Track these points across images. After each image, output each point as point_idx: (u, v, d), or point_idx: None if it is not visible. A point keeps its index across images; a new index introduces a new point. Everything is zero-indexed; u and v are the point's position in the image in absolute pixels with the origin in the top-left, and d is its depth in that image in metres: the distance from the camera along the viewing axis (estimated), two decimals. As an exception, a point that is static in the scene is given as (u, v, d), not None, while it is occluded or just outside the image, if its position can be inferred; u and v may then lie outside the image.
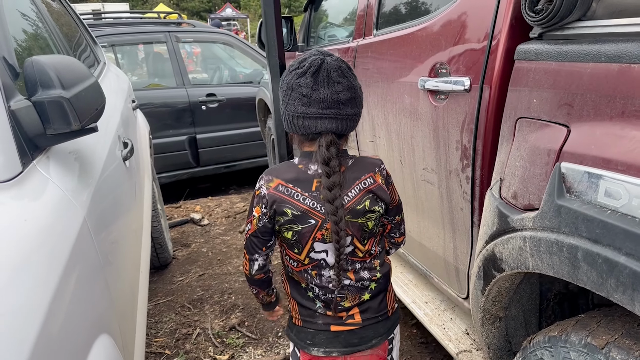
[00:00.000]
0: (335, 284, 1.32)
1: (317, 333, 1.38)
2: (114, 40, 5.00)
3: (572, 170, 1.09)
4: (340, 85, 1.22)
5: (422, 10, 1.97)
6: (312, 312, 1.38)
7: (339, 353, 1.38)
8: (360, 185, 1.29)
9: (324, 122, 1.23)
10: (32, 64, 1.18)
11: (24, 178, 1.04)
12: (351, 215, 1.27)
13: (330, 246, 1.29)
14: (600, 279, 0.99)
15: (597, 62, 1.06)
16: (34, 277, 0.83)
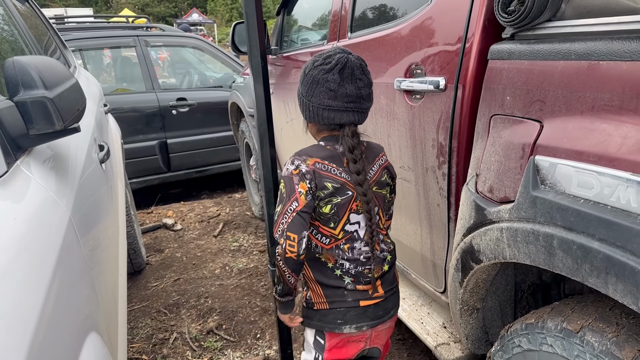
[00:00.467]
0: (370, 247, 1.43)
1: (347, 311, 1.46)
2: (82, 45, 4.92)
3: (546, 163, 1.15)
4: (362, 82, 1.36)
5: (397, 12, 2.02)
6: (340, 291, 1.45)
7: (368, 327, 1.48)
8: (379, 162, 1.50)
9: (348, 114, 1.37)
10: (14, 65, 1.17)
11: (9, 178, 1.03)
12: (377, 187, 1.47)
13: (362, 217, 1.43)
14: (576, 265, 1.05)
15: (568, 60, 1.12)
16: (27, 274, 0.83)
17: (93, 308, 1.13)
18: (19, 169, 1.10)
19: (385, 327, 1.55)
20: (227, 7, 45.39)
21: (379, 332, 1.54)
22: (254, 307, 2.99)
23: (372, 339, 1.54)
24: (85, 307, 1.06)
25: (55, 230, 1.02)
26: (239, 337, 2.71)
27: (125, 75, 5.51)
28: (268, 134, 1.55)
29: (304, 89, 1.41)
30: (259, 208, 4.37)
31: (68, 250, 1.03)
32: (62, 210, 1.12)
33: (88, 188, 1.51)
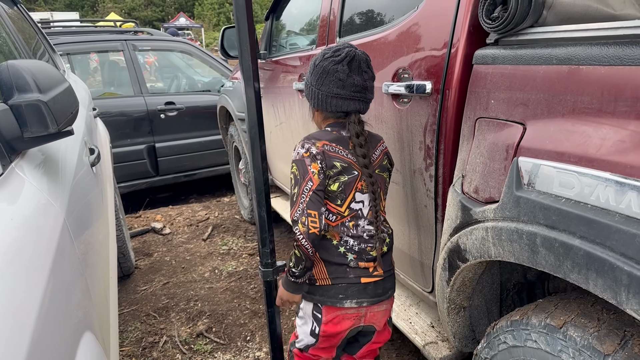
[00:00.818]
0: (375, 226, 1.55)
1: (349, 286, 1.56)
2: (70, 49, 4.91)
3: (529, 164, 1.18)
4: (367, 74, 1.53)
5: (385, 18, 2.06)
6: (343, 268, 1.55)
7: (368, 303, 1.58)
8: (380, 148, 1.65)
9: (355, 103, 1.53)
10: (8, 68, 1.18)
11: (4, 180, 1.04)
12: (379, 170, 1.61)
13: (366, 197, 1.55)
14: (558, 262, 1.09)
15: (549, 65, 1.16)
16: (25, 273, 0.85)
17: (88, 308, 1.15)
18: (14, 171, 1.11)
19: (381, 309, 1.64)
20: (215, 12, 45.36)
21: (374, 312, 1.63)
22: (244, 310, 3.00)
23: (368, 318, 1.63)
24: (80, 306, 1.08)
25: (51, 231, 1.04)
26: (229, 340, 2.72)
27: (113, 80, 5.50)
28: (259, 137, 1.57)
29: (314, 79, 1.54)
30: (248, 212, 4.38)
31: (63, 251, 1.05)
32: (57, 211, 1.14)
33: (80, 191, 1.53)
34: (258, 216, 1.68)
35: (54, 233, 1.05)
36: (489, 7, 1.33)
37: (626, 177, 0.96)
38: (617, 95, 1.01)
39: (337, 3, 2.38)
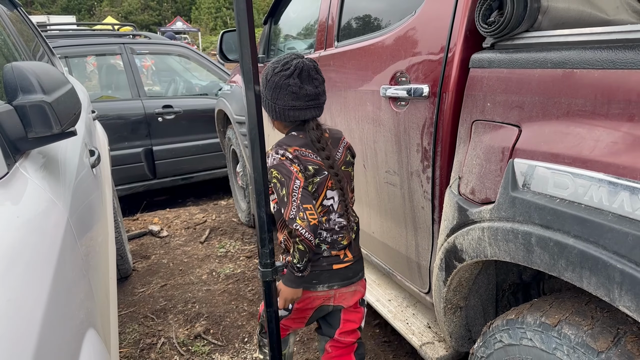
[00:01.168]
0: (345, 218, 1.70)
1: (321, 272, 1.70)
2: (68, 52, 4.92)
3: (524, 165, 1.21)
4: (317, 80, 1.63)
5: (383, 23, 2.09)
6: (317, 257, 1.69)
7: (338, 285, 1.73)
8: (342, 144, 1.76)
9: (310, 111, 1.64)
10: (12, 70, 1.20)
11: (9, 179, 1.06)
12: (344, 166, 1.74)
13: (335, 193, 1.69)
14: (552, 260, 1.11)
15: (544, 68, 1.19)
16: (31, 270, 0.86)
17: (91, 306, 1.17)
18: (18, 171, 1.13)
19: (350, 290, 1.78)
20: (212, 16, 45.42)
21: (343, 294, 1.77)
22: (242, 312, 3.01)
23: (337, 299, 1.77)
24: (84, 303, 1.09)
25: (55, 230, 1.06)
26: (227, 342, 2.73)
27: (111, 83, 5.51)
28: (259, 139, 1.59)
29: (269, 93, 1.65)
30: (246, 214, 4.40)
31: (68, 249, 1.06)
32: (61, 211, 1.16)
33: (82, 191, 1.54)
34: (257, 217, 1.69)
35: (58, 231, 1.06)
36: (485, 12, 1.36)
37: (619, 178, 0.98)
38: (610, 98, 1.04)
39: (336, 8, 2.41)
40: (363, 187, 2.22)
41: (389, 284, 2.42)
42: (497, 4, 1.33)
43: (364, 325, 1.92)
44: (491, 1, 1.34)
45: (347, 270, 1.73)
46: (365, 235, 2.36)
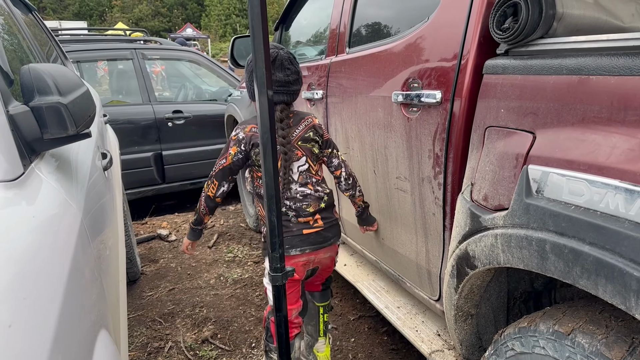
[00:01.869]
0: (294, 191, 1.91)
1: (293, 238, 1.90)
2: (80, 57, 4.97)
3: (539, 172, 1.20)
4: (289, 70, 1.85)
5: (395, 29, 2.09)
6: (287, 223, 1.90)
7: (310, 249, 1.92)
8: (304, 123, 1.97)
9: (279, 95, 1.87)
10: (29, 71, 1.21)
11: (25, 179, 1.07)
12: (302, 141, 1.94)
13: (295, 165, 1.92)
14: (567, 268, 1.10)
15: (559, 75, 1.19)
16: (47, 269, 0.87)
17: (103, 307, 1.17)
18: (34, 171, 1.14)
19: (326, 255, 2.00)
20: (221, 23, 45.72)
21: (320, 258, 1.98)
22: (249, 317, 3.01)
23: (316, 262, 1.99)
24: (97, 304, 1.09)
25: (70, 230, 1.06)
26: (234, 346, 2.73)
27: (122, 88, 5.55)
28: (271, 143, 1.59)
29: (247, 76, 1.91)
30: (254, 220, 4.40)
31: (82, 249, 1.07)
32: (75, 211, 1.16)
33: (94, 193, 1.55)
34: (268, 221, 1.69)
35: (72, 232, 1.07)
36: (499, 19, 1.36)
37: (636, 185, 0.97)
38: (627, 105, 1.03)
39: (348, 14, 2.41)
40: (373, 192, 2.22)
41: (398, 291, 2.41)
42: (511, 11, 1.33)
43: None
44: (506, 8, 1.34)
45: (317, 235, 1.93)
46: (375, 241, 2.36)
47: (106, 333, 1.10)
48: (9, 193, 0.98)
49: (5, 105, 1.15)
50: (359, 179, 2.32)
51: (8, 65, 1.34)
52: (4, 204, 0.94)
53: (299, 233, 1.90)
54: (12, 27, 1.89)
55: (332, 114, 2.51)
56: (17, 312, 0.72)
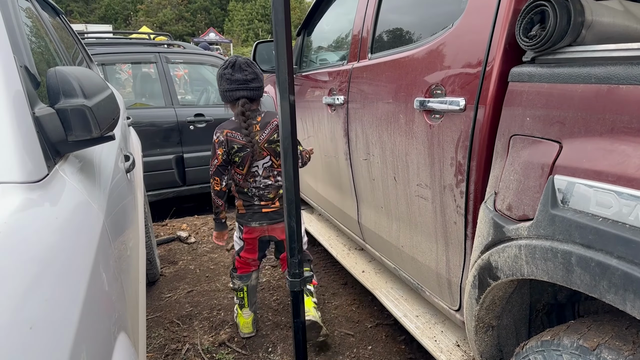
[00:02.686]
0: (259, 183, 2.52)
1: (254, 213, 2.57)
2: (105, 59, 5.04)
3: (566, 182, 1.18)
4: (246, 71, 2.39)
5: (418, 35, 2.08)
6: (252, 204, 2.57)
7: (267, 223, 2.58)
8: (271, 126, 2.49)
9: (240, 92, 2.39)
10: (55, 74, 1.23)
11: (49, 181, 1.08)
12: (267, 144, 2.48)
13: (260, 162, 2.50)
14: (594, 282, 1.07)
15: (588, 83, 1.16)
16: (69, 269, 0.87)
17: (123, 309, 1.17)
18: (58, 173, 1.15)
19: (278, 227, 2.61)
20: (244, 28, 46.10)
21: (272, 228, 2.61)
22: (266, 321, 3.00)
23: (269, 231, 2.62)
24: (117, 306, 1.10)
25: (92, 231, 1.07)
26: (251, 351, 2.72)
27: (145, 90, 5.62)
28: (292, 148, 1.59)
29: (218, 83, 2.47)
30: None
31: (103, 250, 1.07)
32: (97, 213, 1.17)
33: (116, 195, 1.56)
34: (288, 226, 1.69)
35: (94, 233, 1.08)
36: (526, 26, 1.33)
37: (667, 198, 0.94)
38: (659, 115, 1.00)
39: (371, 20, 2.41)
40: (393, 199, 2.20)
41: (417, 300, 2.38)
42: (538, 18, 1.31)
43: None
44: (533, 15, 1.31)
45: (273, 213, 2.57)
46: (394, 249, 2.34)
47: (125, 336, 1.10)
48: (33, 194, 0.99)
49: (31, 107, 1.17)
50: (379, 185, 2.31)
51: (35, 67, 1.36)
52: (27, 205, 0.95)
53: (259, 210, 2.56)
54: (39, 30, 1.92)
55: (353, 120, 2.50)
56: (38, 314, 0.72)
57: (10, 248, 0.79)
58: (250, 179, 2.49)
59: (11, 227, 0.84)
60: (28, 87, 1.21)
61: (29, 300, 0.73)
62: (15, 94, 1.12)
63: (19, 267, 0.77)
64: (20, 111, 1.11)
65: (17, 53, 1.25)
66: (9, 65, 1.16)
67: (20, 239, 0.83)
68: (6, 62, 1.16)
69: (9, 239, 0.80)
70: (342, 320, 2.98)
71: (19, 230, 0.85)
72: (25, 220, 0.90)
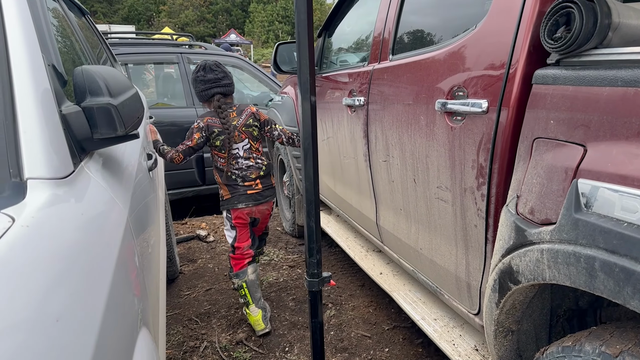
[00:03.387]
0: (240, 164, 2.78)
1: (240, 196, 2.79)
2: (128, 59, 5.11)
3: (590, 186, 1.16)
4: (216, 71, 2.74)
5: (440, 37, 2.07)
6: (236, 187, 2.78)
7: (252, 204, 2.81)
8: (246, 113, 2.81)
9: (214, 89, 2.73)
10: (82, 73, 1.25)
11: (74, 177, 1.10)
12: (245, 127, 2.78)
13: (240, 145, 2.77)
14: (617, 287, 1.05)
15: (614, 87, 1.14)
16: (94, 264, 0.89)
17: (145, 305, 1.19)
18: (83, 170, 1.17)
19: (263, 207, 2.90)
20: (264, 29, 46.33)
21: (258, 209, 2.87)
22: (283, 321, 3.01)
23: (255, 213, 2.87)
24: (139, 302, 1.11)
25: (116, 227, 1.09)
26: (268, 350, 2.74)
27: (167, 91, 5.68)
28: (312, 148, 1.60)
29: (193, 86, 2.83)
30: (290, 224, 4.42)
31: (127, 246, 1.09)
32: (121, 209, 1.19)
33: (139, 193, 1.59)
34: (307, 226, 1.70)
35: (119, 229, 1.09)
36: (551, 28, 1.32)
37: (695, 203, 0.92)
38: (687, 119, 0.98)
39: (392, 21, 2.40)
40: (412, 202, 2.19)
41: (435, 303, 2.37)
42: (564, 20, 1.29)
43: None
44: (558, 17, 1.30)
45: (257, 195, 2.82)
46: (412, 251, 2.33)
47: (146, 331, 1.12)
48: (59, 190, 1.01)
49: (58, 105, 1.19)
50: (399, 187, 2.30)
51: (62, 66, 1.39)
52: (54, 200, 0.97)
53: (244, 192, 2.78)
54: (66, 29, 1.96)
55: (373, 121, 2.49)
56: (64, 307, 0.74)
57: (39, 242, 0.81)
58: (233, 161, 2.75)
59: (39, 221, 0.86)
60: (55, 85, 1.24)
61: (55, 293, 0.74)
62: (44, 92, 1.15)
63: (46, 260, 0.78)
64: (48, 109, 1.13)
65: (45, 52, 1.28)
66: (38, 64, 1.19)
67: (47, 234, 0.85)
68: (35, 61, 1.19)
69: (37, 233, 0.82)
70: (359, 322, 2.98)
71: (46, 225, 0.87)
72: (52, 215, 0.92)
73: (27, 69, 1.14)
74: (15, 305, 0.66)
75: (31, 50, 1.19)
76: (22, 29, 1.20)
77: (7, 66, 1.13)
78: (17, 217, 0.84)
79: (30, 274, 0.73)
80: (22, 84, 1.11)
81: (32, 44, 1.21)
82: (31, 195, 0.95)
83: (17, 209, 0.88)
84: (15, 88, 1.10)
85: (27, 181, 0.97)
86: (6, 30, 1.17)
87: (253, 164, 2.78)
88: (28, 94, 1.10)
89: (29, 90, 1.11)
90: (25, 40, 1.19)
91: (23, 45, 1.17)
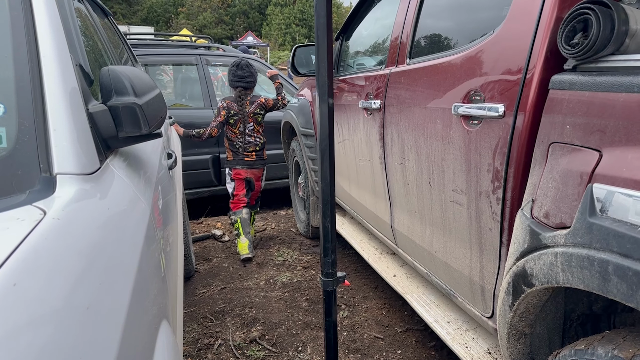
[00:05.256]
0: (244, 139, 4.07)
1: (239, 160, 4.05)
2: (148, 60, 5.19)
3: (604, 191, 1.17)
4: (246, 71, 3.99)
5: (457, 41, 2.08)
6: (237, 154, 4.05)
7: (247, 167, 4.08)
8: (256, 102, 4.09)
9: (240, 82, 4.01)
10: (109, 73, 1.30)
11: (100, 174, 1.14)
12: (253, 114, 4.05)
13: (247, 126, 4.02)
14: (631, 291, 1.06)
15: (631, 92, 1.15)
16: (120, 258, 0.92)
17: (165, 298, 1.23)
18: (108, 167, 1.21)
19: (255, 170, 4.13)
20: (281, 32, 46.51)
21: (251, 172, 4.10)
22: (296, 321, 3.04)
23: (248, 174, 4.08)
24: (161, 295, 1.15)
25: (140, 222, 1.12)
26: (281, 349, 2.77)
27: (185, 91, 5.75)
28: (329, 150, 1.62)
29: (228, 75, 4.07)
30: (304, 225, 4.45)
31: (150, 240, 1.13)
32: (145, 206, 1.23)
33: (162, 190, 1.63)
34: (322, 226, 1.73)
35: (142, 225, 1.13)
36: (568, 34, 1.33)
37: None
38: (703, 126, 0.99)
39: (410, 25, 2.42)
40: (427, 204, 2.21)
41: (449, 306, 2.38)
42: (581, 26, 1.30)
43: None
44: (575, 23, 1.31)
45: (251, 162, 4.06)
46: (426, 254, 2.34)
47: (167, 324, 1.16)
48: (86, 185, 1.05)
49: (85, 104, 1.23)
50: (414, 190, 2.32)
51: (89, 66, 1.44)
52: (82, 195, 1.01)
53: (242, 158, 4.02)
54: (91, 30, 2.01)
55: (389, 124, 2.51)
56: (93, 296, 0.78)
57: (69, 234, 0.85)
58: (240, 136, 4.00)
59: (69, 214, 0.90)
60: (82, 84, 1.29)
61: (86, 282, 0.78)
62: (72, 91, 1.19)
63: (76, 251, 0.82)
64: (76, 107, 1.18)
65: (73, 52, 1.32)
66: (66, 64, 1.23)
67: (77, 227, 0.89)
68: (63, 61, 1.23)
69: (67, 226, 0.86)
70: (372, 324, 3.00)
71: (76, 218, 0.91)
72: (81, 209, 0.96)
73: (56, 68, 1.19)
74: (50, 292, 0.70)
75: (60, 50, 1.24)
76: (52, 30, 1.25)
77: (37, 66, 1.17)
78: (48, 210, 0.88)
79: (62, 263, 0.77)
80: (51, 84, 1.15)
81: (61, 45, 1.26)
82: (60, 190, 0.99)
83: (47, 202, 0.92)
84: (45, 87, 1.14)
85: (57, 176, 1.02)
86: (37, 32, 1.21)
87: (253, 140, 4.05)
88: (57, 93, 1.14)
89: (58, 89, 1.15)
90: (54, 41, 1.23)
91: (52, 46, 1.22)
